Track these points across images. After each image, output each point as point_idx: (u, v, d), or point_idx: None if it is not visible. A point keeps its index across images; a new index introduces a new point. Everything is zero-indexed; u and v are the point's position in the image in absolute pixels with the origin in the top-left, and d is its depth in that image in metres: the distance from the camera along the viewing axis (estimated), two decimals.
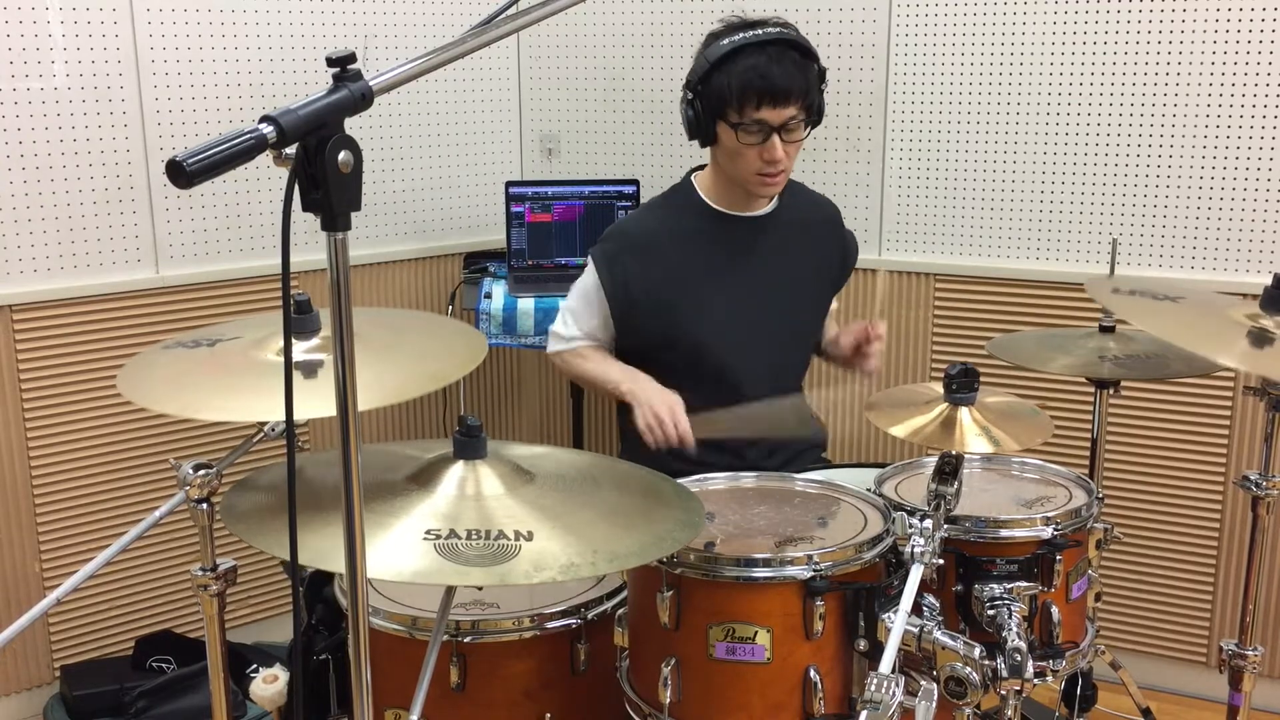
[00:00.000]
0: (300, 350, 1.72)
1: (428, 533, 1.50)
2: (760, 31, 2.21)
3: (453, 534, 1.50)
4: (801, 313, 2.48)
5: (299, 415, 1.25)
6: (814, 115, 2.27)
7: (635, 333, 2.40)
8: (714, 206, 2.39)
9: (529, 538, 1.50)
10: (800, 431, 2.43)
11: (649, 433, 2.19)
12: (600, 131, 3.58)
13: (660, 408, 2.20)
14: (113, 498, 3.02)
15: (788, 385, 2.48)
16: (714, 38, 2.25)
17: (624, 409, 2.53)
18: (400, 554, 1.46)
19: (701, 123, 2.26)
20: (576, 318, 2.42)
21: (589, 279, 2.40)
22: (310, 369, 1.68)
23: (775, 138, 2.22)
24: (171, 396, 1.71)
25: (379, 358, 1.73)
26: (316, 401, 1.54)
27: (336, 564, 1.30)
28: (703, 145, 2.32)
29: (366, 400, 1.50)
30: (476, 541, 1.48)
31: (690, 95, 2.26)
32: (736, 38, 2.21)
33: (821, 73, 2.27)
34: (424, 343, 1.95)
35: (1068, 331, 2.67)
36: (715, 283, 2.37)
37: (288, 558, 1.28)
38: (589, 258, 2.41)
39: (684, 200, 2.42)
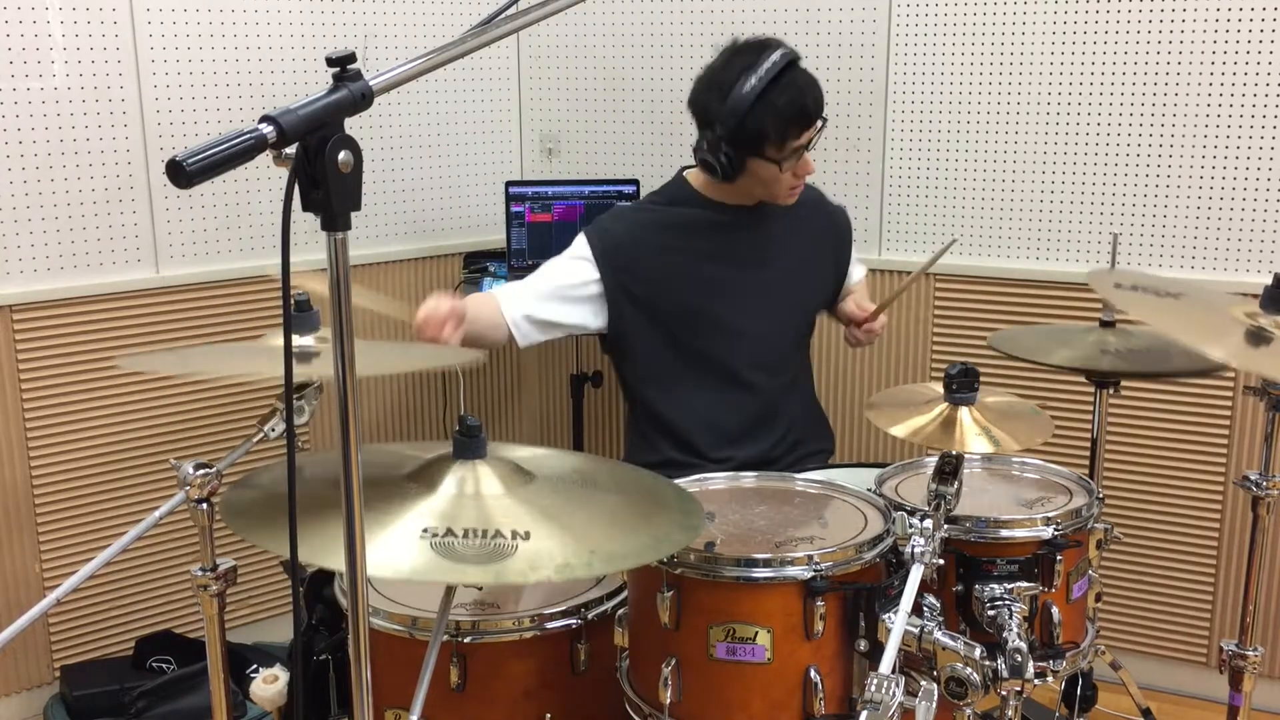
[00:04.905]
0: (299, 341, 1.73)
1: (424, 531, 1.50)
2: (768, 63, 2.18)
3: (449, 532, 1.50)
4: (798, 286, 2.48)
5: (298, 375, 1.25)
6: None
7: (635, 311, 2.35)
8: (707, 196, 2.40)
9: (526, 537, 1.50)
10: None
11: (420, 331, 2.06)
12: (600, 131, 3.58)
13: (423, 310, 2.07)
14: (113, 498, 3.02)
15: (786, 357, 2.49)
16: (726, 79, 2.20)
17: (632, 415, 2.53)
18: (396, 551, 1.46)
19: (734, 164, 2.24)
20: (536, 294, 2.31)
21: (575, 254, 2.34)
22: (307, 357, 1.69)
23: (806, 154, 2.27)
24: (173, 363, 1.70)
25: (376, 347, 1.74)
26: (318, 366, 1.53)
27: (336, 561, 1.30)
28: (728, 180, 2.29)
29: (365, 367, 1.47)
30: (473, 540, 1.48)
31: (724, 144, 2.22)
32: (753, 81, 2.17)
33: None
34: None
35: (1069, 325, 2.67)
36: (711, 263, 2.38)
37: (287, 555, 1.28)
38: (581, 241, 2.34)
39: (678, 193, 2.43)
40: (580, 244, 2.35)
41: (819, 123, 2.25)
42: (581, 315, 2.34)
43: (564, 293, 2.33)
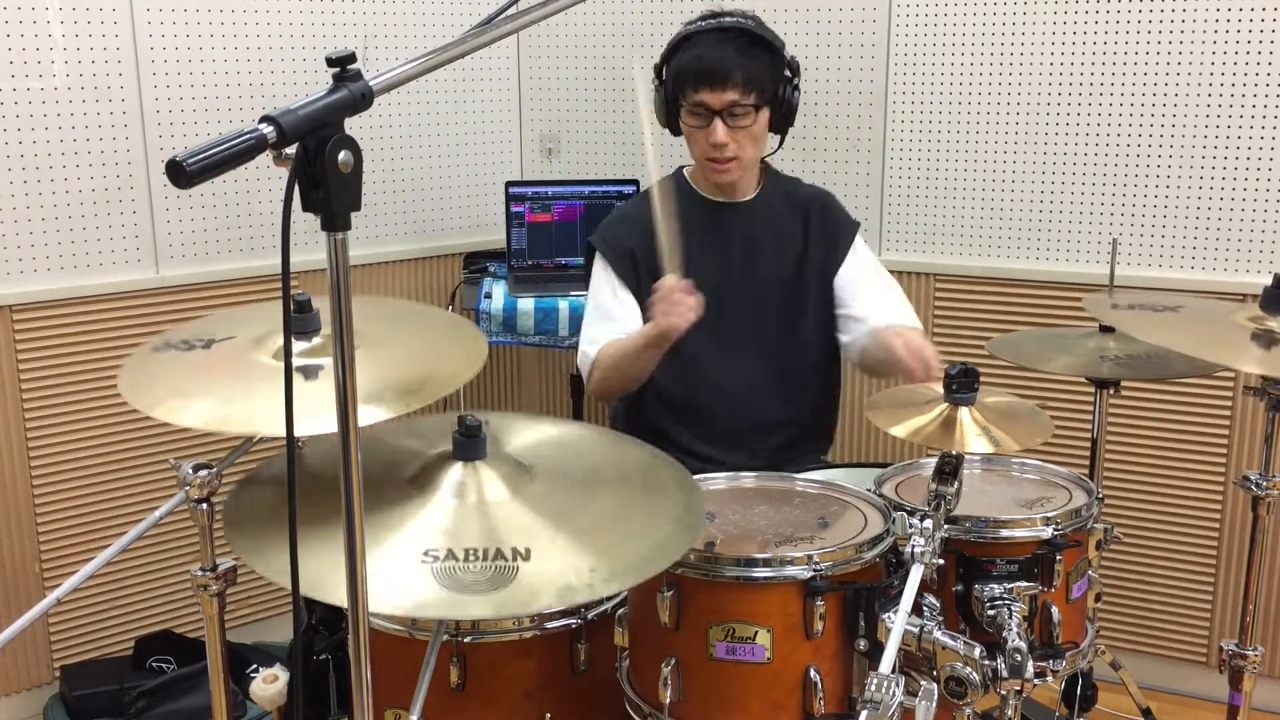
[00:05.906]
0: (299, 351, 1.72)
1: (426, 554, 1.50)
2: (715, 20, 2.29)
3: (450, 555, 1.49)
4: (788, 294, 2.44)
5: (298, 429, 1.24)
6: (775, 105, 2.29)
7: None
8: (700, 192, 2.44)
9: (526, 557, 1.50)
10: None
11: (668, 317, 2.14)
12: (600, 131, 3.58)
13: (667, 302, 2.15)
14: (113, 498, 3.02)
15: (781, 355, 2.44)
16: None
17: (618, 414, 2.53)
18: (399, 584, 1.46)
19: (667, 108, 2.35)
20: (601, 315, 2.39)
21: (596, 268, 2.42)
22: (311, 372, 1.68)
23: (717, 121, 2.27)
24: (178, 408, 1.69)
25: (379, 355, 1.73)
26: (316, 406, 1.51)
27: (338, 596, 1.29)
28: (674, 133, 2.38)
29: (368, 416, 1.52)
30: (474, 564, 1.48)
31: (657, 82, 2.36)
32: (692, 26, 2.30)
33: (792, 66, 2.31)
34: (424, 340, 1.95)
35: (1068, 331, 2.67)
36: (704, 259, 2.38)
37: (289, 585, 1.27)
38: (593, 252, 2.43)
39: (673, 187, 2.44)
40: (596, 257, 2.42)
41: (733, 93, 2.22)
42: (614, 307, 2.40)
43: (597, 291, 2.42)
